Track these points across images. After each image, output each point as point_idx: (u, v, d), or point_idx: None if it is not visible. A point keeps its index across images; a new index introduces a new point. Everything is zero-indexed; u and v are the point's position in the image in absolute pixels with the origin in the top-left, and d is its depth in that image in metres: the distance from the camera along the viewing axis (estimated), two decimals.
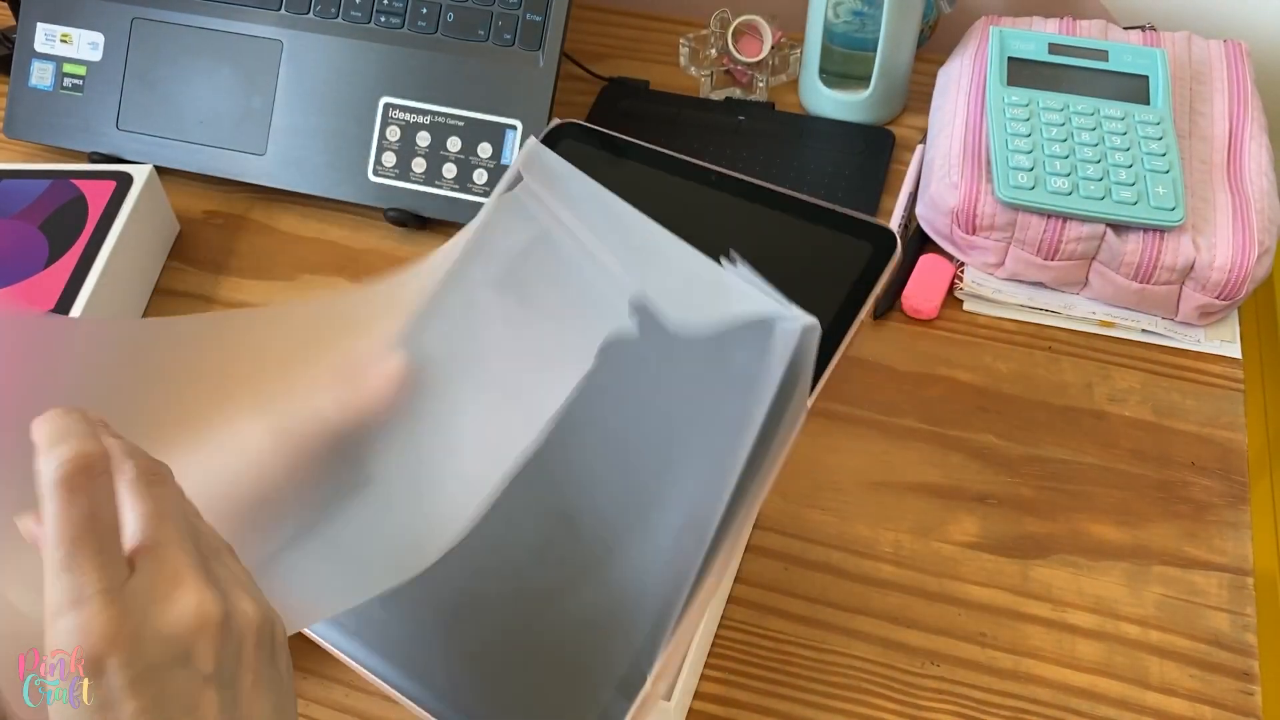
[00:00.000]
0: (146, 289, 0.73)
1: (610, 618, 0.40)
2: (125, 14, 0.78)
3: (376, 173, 0.75)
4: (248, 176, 0.77)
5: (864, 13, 0.78)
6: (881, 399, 0.65)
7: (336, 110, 0.75)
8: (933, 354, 0.68)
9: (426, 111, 0.74)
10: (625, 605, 0.40)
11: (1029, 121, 0.69)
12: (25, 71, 0.80)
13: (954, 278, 0.70)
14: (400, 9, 0.75)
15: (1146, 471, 0.62)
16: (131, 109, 0.78)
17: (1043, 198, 0.66)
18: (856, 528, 0.60)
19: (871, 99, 0.79)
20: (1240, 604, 0.56)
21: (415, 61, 0.75)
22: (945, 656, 0.55)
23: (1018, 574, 0.58)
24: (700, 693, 0.54)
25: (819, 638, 0.56)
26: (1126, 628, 0.56)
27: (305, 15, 0.76)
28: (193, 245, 0.77)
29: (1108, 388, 0.65)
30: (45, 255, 0.67)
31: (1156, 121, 0.68)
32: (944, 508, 0.60)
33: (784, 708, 0.54)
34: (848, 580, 0.58)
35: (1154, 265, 0.65)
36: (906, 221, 0.74)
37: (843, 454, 0.63)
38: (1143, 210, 0.65)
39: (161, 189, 0.75)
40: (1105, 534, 0.59)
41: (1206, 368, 0.66)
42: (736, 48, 0.82)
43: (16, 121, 0.80)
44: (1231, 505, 0.60)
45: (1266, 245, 0.65)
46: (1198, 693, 0.53)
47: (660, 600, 0.39)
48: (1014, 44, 0.73)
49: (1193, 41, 0.75)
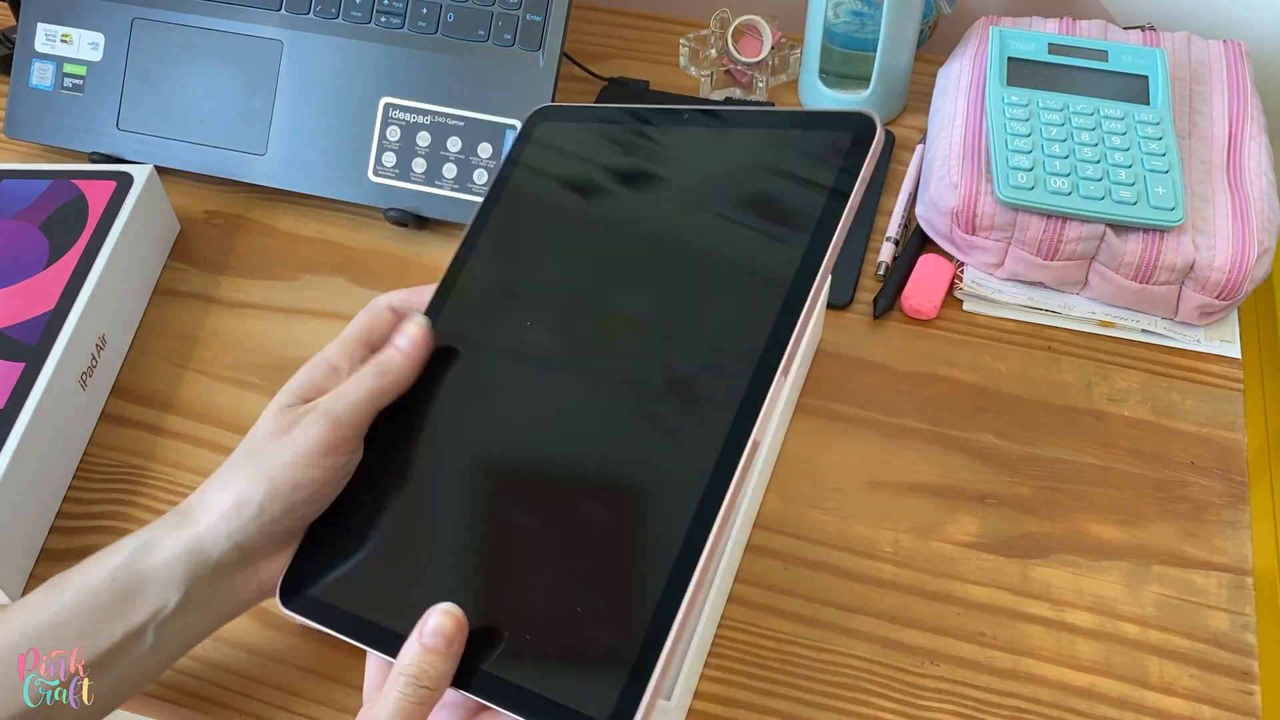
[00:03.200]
0: (147, 289, 0.73)
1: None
2: (125, 14, 0.78)
3: (377, 173, 0.75)
4: (248, 176, 0.77)
5: (864, 13, 0.78)
6: (881, 399, 0.65)
7: (337, 110, 0.75)
8: (933, 354, 0.68)
9: (427, 111, 0.74)
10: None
11: (1029, 121, 0.69)
12: (25, 71, 0.80)
13: (954, 278, 0.70)
14: (400, 9, 0.75)
15: (1146, 471, 0.62)
16: (132, 109, 0.78)
17: (1042, 198, 0.66)
18: (856, 528, 0.60)
19: (871, 99, 0.79)
20: (1240, 604, 0.56)
21: (415, 61, 0.75)
22: (945, 656, 0.55)
23: (1017, 574, 0.58)
24: (700, 693, 0.54)
25: (819, 638, 0.56)
26: (1126, 627, 0.56)
27: (305, 15, 0.76)
28: (193, 245, 0.77)
29: (1107, 388, 0.65)
30: (45, 255, 0.67)
31: (1156, 121, 0.69)
32: (944, 508, 0.60)
33: (784, 708, 0.54)
34: (848, 580, 0.58)
35: (1153, 265, 0.65)
36: (906, 221, 0.74)
37: (843, 454, 0.63)
38: (1142, 210, 0.65)
39: (162, 189, 0.75)
40: (1105, 534, 0.59)
41: (1206, 368, 0.66)
42: (736, 48, 0.82)
43: (17, 121, 0.80)
44: (1231, 505, 0.60)
45: (1266, 245, 0.65)
46: (1197, 692, 0.53)
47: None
48: (1014, 44, 0.73)
49: (1192, 41, 0.75)
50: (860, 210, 0.75)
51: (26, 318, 0.64)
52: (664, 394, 0.42)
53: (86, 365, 0.65)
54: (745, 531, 0.58)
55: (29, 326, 0.63)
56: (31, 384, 0.61)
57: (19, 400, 0.60)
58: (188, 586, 0.44)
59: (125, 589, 0.44)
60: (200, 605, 0.45)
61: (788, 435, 0.64)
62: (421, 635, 0.38)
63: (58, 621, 0.43)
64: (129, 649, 0.44)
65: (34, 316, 0.64)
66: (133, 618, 0.44)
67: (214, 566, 0.45)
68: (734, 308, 0.42)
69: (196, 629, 0.46)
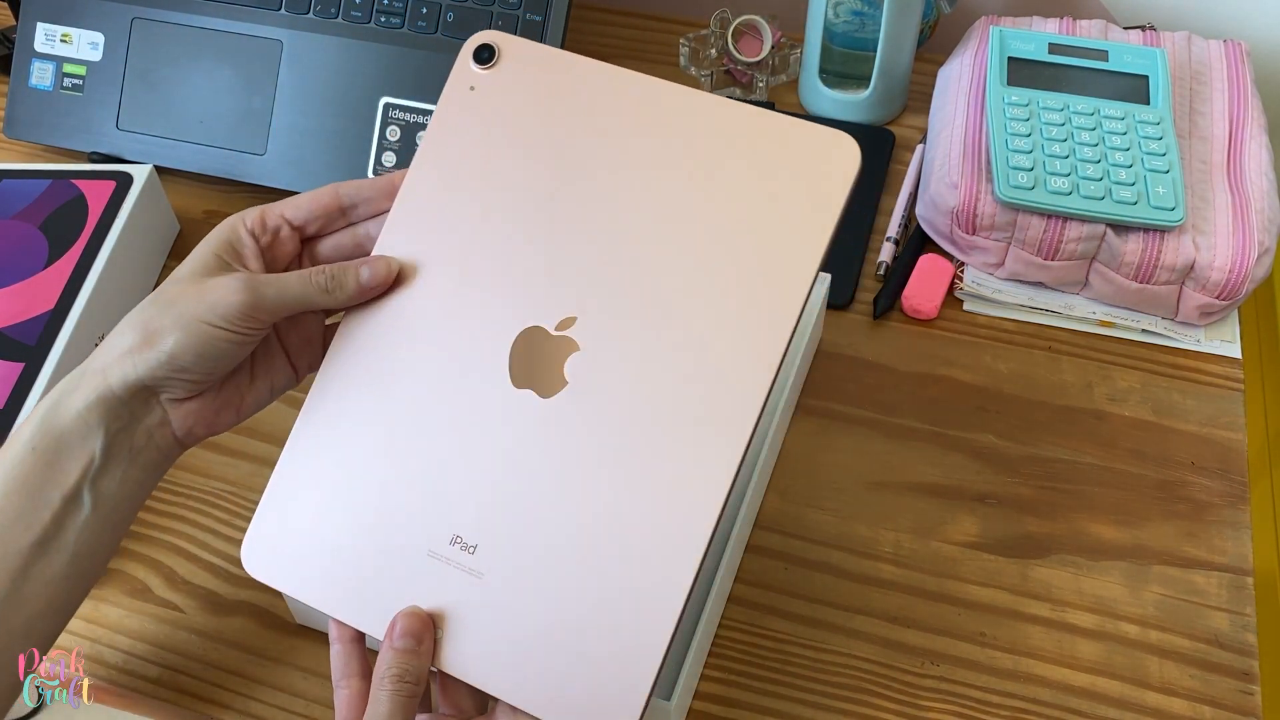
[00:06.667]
0: (146, 289, 0.73)
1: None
2: (125, 14, 0.78)
3: (377, 172, 0.75)
4: (248, 176, 0.77)
5: (864, 13, 0.78)
6: (881, 399, 0.65)
7: (336, 110, 0.75)
8: (933, 354, 0.68)
9: (427, 111, 0.74)
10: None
11: (1029, 121, 0.69)
12: (25, 71, 0.80)
13: (954, 278, 0.70)
14: (400, 9, 0.75)
15: (1146, 471, 0.62)
16: (131, 109, 0.78)
17: (1043, 198, 0.66)
18: (856, 528, 0.60)
19: (871, 99, 0.79)
20: (1240, 604, 0.56)
21: (415, 61, 0.75)
22: (945, 656, 0.55)
23: (1017, 574, 0.58)
24: (700, 693, 0.54)
25: (819, 638, 0.56)
26: (1126, 627, 0.56)
27: (305, 15, 0.76)
28: (193, 245, 0.76)
29: (1108, 388, 0.65)
30: (45, 255, 0.67)
31: (1156, 121, 0.68)
32: (944, 508, 0.60)
33: (784, 708, 0.54)
34: (848, 580, 0.58)
35: (1154, 265, 0.65)
36: (906, 221, 0.74)
37: (843, 454, 0.63)
38: (1143, 210, 0.65)
39: (161, 189, 0.75)
40: (1105, 534, 0.59)
41: (1206, 368, 0.66)
42: (736, 48, 0.82)
43: (16, 121, 0.80)
44: (1231, 505, 0.60)
45: (1266, 245, 0.65)
46: (1197, 692, 0.53)
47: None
48: (1014, 44, 0.73)
49: (1193, 41, 0.75)
50: (860, 210, 0.75)
51: (26, 318, 0.64)
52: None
53: None
54: (745, 531, 0.58)
55: (28, 326, 0.63)
56: (31, 384, 0.61)
57: (19, 400, 0.60)
58: (105, 432, 0.44)
59: (48, 453, 0.43)
60: (125, 455, 0.45)
61: (788, 435, 0.64)
62: (393, 641, 0.41)
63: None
64: (70, 517, 0.44)
65: (33, 316, 0.64)
66: (65, 479, 0.43)
67: (125, 407, 0.44)
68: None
69: (128, 484, 0.45)
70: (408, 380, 0.45)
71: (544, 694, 0.40)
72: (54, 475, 0.43)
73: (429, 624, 0.42)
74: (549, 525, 0.41)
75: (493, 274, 0.45)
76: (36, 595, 0.43)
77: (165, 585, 0.58)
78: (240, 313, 0.43)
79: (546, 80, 0.47)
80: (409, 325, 0.46)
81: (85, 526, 0.44)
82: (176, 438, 0.46)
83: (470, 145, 0.47)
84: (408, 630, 0.41)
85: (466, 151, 0.47)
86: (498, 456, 0.43)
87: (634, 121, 0.45)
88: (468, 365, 0.44)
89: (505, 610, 0.41)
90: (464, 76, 0.48)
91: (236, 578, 0.59)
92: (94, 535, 0.45)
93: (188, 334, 0.43)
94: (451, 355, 0.45)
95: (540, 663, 0.40)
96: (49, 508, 0.43)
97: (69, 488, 0.44)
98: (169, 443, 0.46)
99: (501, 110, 0.47)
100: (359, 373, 0.46)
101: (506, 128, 0.47)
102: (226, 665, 0.56)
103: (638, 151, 0.44)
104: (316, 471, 0.45)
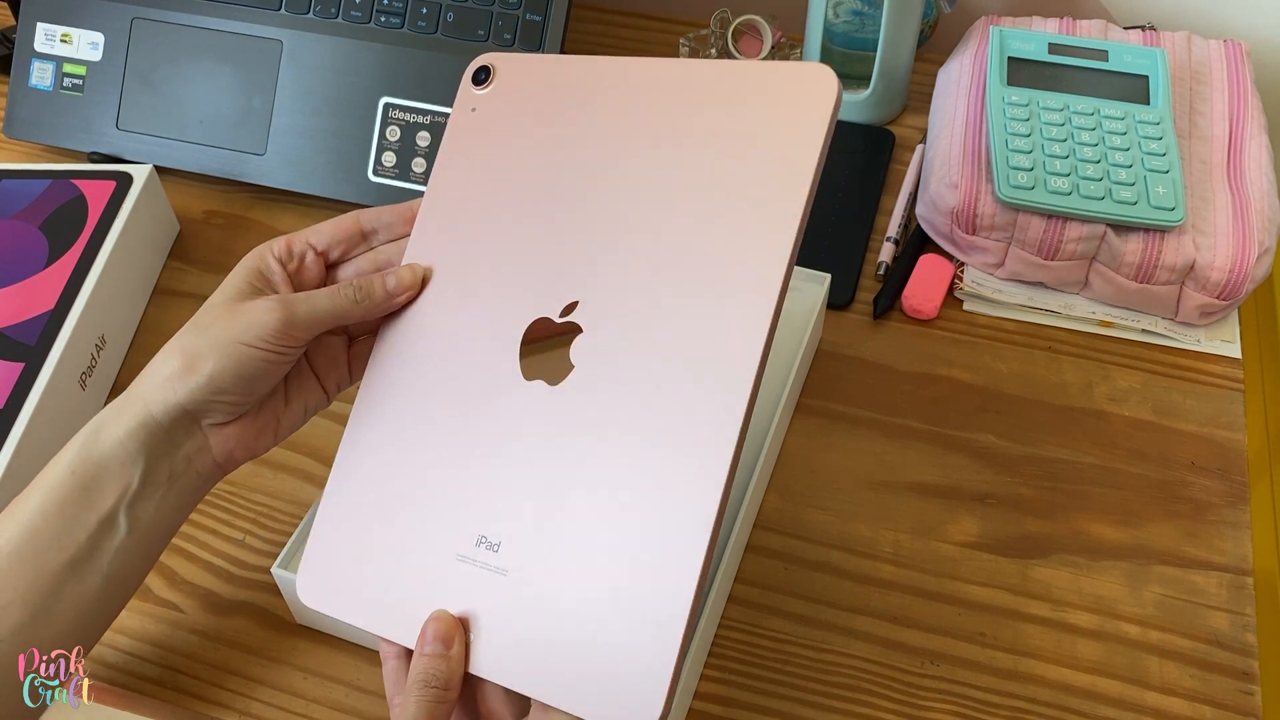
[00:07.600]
0: (146, 289, 0.73)
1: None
2: (125, 14, 0.78)
3: (376, 173, 0.75)
4: (248, 176, 0.77)
5: (864, 13, 0.78)
6: (881, 399, 0.65)
7: (336, 110, 0.75)
8: (933, 354, 0.68)
9: (426, 111, 0.74)
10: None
11: (1029, 121, 0.69)
12: (25, 71, 0.80)
13: (954, 278, 0.70)
14: (400, 9, 0.75)
15: (1146, 471, 0.62)
16: (131, 109, 0.78)
17: (1043, 198, 0.66)
18: (856, 528, 0.60)
19: (871, 99, 0.79)
20: (1240, 604, 0.56)
21: (415, 61, 0.75)
22: (945, 656, 0.55)
23: (1017, 574, 0.58)
24: (700, 693, 0.54)
25: (819, 638, 0.56)
26: (1126, 627, 0.56)
27: (305, 15, 0.76)
28: (193, 245, 0.77)
29: (1108, 388, 0.65)
30: (45, 255, 0.67)
31: (1156, 121, 0.69)
32: (944, 508, 0.60)
33: (784, 708, 0.54)
34: (848, 580, 0.58)
35: (1154, 265, 0.65)
36: (906, 221, 0.74)
37: (843, 454, 0.63)
38: (1143, 210, 0.65)
39: (161, 189, 0.75)
40: (1105, 534, 0.59)
41: (1206, 368, 0.66)
42: (736, 48, 0.82)
43: (16, 121, 0.80)
44: (1231, 505, 0.60)
45: (1266, 245, 0.65)
46: (1198, 692, 0.53)
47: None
48: (1014, 44, 0.73)
49: (1193, 41, 0.75)
50: (860, 210, 0.75)
51: (26, 317, 0.64)
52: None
53: (86, 365, 0.65)
54: (745, 531, 0.58)
55: (29, 326, 0.63)
56: (31, 384, 0.61)
57: (19, 400, 0.60)
58: (146, 460, 0.44)
59: (86, 478, 0.44)
60: (163, 481, 0.45)
61: (788, 435, 0.64)
62: (422, 647, 0.41)
63: (30, 530, 0.43)
64: (105, 540, 0.44)
65: (34, 316, 0.64)
66: (101, 504, 0.44)
67: (166, 434, 0.45)
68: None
69: (165, 509, 0.46)
70: (429, 395, 0.46)
71: (572, 689, 0.40)
72: (91, 499, 0.44)
73: (457, 627, 0.41)
74: (563, 509, 0.42)
75: (500, 279, 0.46)
76: (67, 614, 0.44)
77: (165, 585, 0.58)
78: (276, 331, 0.45)
79: (534, 87, 0.48)
80: (427, 343, 0.47)
81: (120, 549, 0.45)
82: (216, 463, 0.47)
83: (476, 164, 0.49)
84: (436, 635, 0.41)
85: (473, 171, 0.49)
86: (513, 451, 0.43)
87: (616, 101, 0.46)
88: (483, 368, 0.45)
89: (529, 605, 0.41)
90: (466, 100, 0.50)
91: (236, 578, 0.59)
92: (128, 558, 0.45)
93: (227, 356, 0.44)
94: (468, 363, 0.46)
95: (565, 656, 0.40)
96: (85, 529, 0.44)
97: (105, 511, 0.44)
98: (208, 468, 0.47)
99: (499, 125, 0.49)
100: (386, 395, 0.47)
101: (504, 140, 0.48)
102: (226, 665, 0.56)
103: (622, 128, 0.46)
104: (356, 497, 0.46)
